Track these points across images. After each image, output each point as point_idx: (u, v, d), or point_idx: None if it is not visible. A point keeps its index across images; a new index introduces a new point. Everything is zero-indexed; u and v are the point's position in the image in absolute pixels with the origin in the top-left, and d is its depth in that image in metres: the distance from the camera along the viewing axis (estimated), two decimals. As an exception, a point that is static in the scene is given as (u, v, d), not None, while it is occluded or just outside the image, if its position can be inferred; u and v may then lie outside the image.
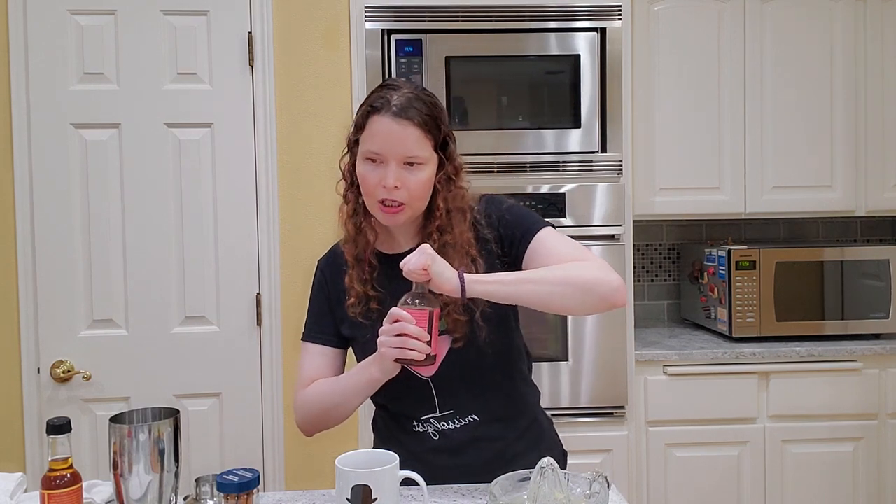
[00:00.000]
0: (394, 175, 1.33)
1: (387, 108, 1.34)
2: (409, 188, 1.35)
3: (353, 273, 1.43)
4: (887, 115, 2.82)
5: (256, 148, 2.45)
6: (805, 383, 2.60)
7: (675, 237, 3.22)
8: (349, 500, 1.14)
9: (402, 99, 1.35)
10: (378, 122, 1.34)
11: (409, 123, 1.33)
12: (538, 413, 1.55)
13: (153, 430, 1.18)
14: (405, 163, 1.34)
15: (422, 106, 1.35)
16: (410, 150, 1.34)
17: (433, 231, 1.40)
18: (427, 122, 1.35)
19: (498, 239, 1.43)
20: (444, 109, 1.42)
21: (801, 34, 2.79)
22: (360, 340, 1.45)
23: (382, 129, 1.34)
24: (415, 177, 1.35)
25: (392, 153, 1.34)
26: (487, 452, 1.43)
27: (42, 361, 2.38)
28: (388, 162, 1.34)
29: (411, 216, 1.39)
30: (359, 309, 1.42)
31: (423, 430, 1.44)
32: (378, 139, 1.34)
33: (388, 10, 2.44)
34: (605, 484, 1.15)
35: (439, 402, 1.42)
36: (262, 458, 2.47)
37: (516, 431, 1.47)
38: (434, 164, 1.38)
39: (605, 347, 2.50)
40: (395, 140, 1.33)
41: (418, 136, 1.34)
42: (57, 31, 2.36)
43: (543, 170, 2.49)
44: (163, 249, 2.42)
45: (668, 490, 2.59)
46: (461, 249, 1.38)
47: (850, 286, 2.73)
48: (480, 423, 1.43)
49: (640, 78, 2.73)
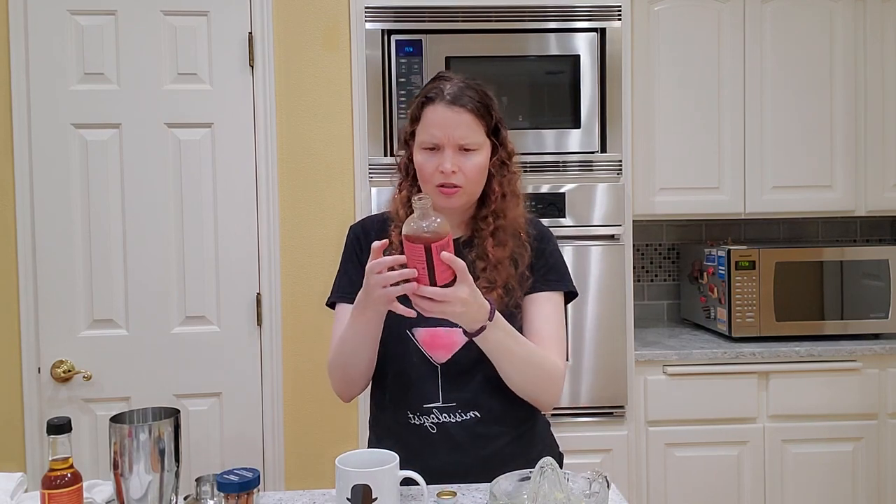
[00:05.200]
0: (450, 160, 1.39)
1: (440, 97, 1.41)
2: (465, 172, 1.40)
3: (395, 252, 1.42)
4: (887, 115, 2.82)
5: (256, 148, 2.45)
6: (805, 383, 2.60)
7: (674, 237, 3.22)
8: (349, 500, 1.14)
9: (455, 88, 1.41)
10: (433, 111, 1.41)
11: (463, 110, 1.40)
12: (537, 415, 1.55)
13: (153, 430, 1.18)
14: (461, 148, 1.40)
15: (473, 94, 1.42)
16: (465, 135, 1.40)
17: (488, 214, 1.45)
18: (479, 109, 1.41)
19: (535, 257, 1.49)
20: (494, 98, 1.47)
21: (801, 34, 2.79)
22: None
23: (437, 118, 1.40)
24: (470, 161, 1.41)
25: (448, 139, 1.40)
26: (485, 451, 1.43)
27: (42, 361, 2.38)
28: (444, 148, 1.40)
29: (467, 201, 1.45)
30: None
31: (421, 423, 1.43)
32: (434, 127, 1.41)
33: (388, 11, 2.44)
34: (604, 484, 1.15)
35: (444, 392, 1.43)
36: (262, 458, 2.47)
37: (515, 432, 1.47)
38: (488, 150, 1.44)
39: (604, 347, 2.50)
40: (449, 126, 1.39)
41: (471, 121, 1.40)
42: (57, 31, 2.36)
43: (543, 170, 2.49)
44: (163, 249, 2.42)
45: (667, 490, 2.59)
46: (514, 232, 1.45)
47: (850, 286, 2.73)
48: (481, 421, 1.43)
49: (640, 78, 2.73)
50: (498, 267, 1.42)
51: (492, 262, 1.43)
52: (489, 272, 1.42)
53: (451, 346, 1.42)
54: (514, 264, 1.45)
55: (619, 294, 2.50)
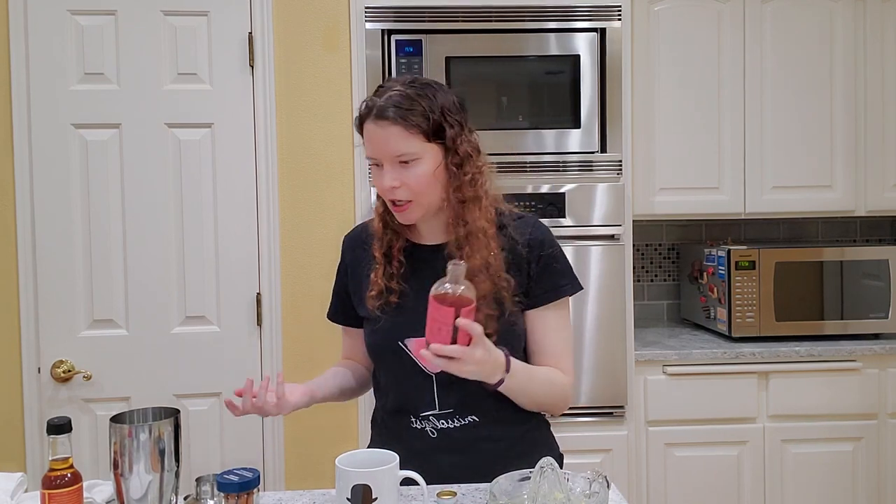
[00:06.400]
0: (388, 176, 1.36)
1: (368, 113, 1.37)
2: (408, 185, 1.36)
3: (378, 269, 1.44)
4: (887, 115, 2.82)
5: (256, 148, 2.45)
6: (805, 383, 2.60)
7: (674, 237, 3.22)
8: (349, 500, 1.14)
9: (383, 100, 1.35)
10: (365, 130, 1.38)
11: (387, 123, 1.34)
12: (538, 416, 1.55)
13: (153, 430, 1.18)
14: (400, 161, 1.35)
15: (403, 101, 1.34)
16: (396, 148, 1.34)
17: (449, 224, 1.40)
18: (408, 117, 1.33)
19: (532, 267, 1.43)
20: (440, 96, 1.38)
21: (801, 34, 2.79)
22: (369, 329, 1.48)
23: (369, 135, 1.37)
24: (412, 172, 1.35)
25: (382, 155, 1.36)
26: (486, 453, 1.42)
27: (42, 361, 2.38)
28: (382, 164, 1.37)
29: (425, 212, 1.40)
30: (378, 302, 1.43)
31: (422, 427, 1.43)
32: (369, 145, 1.38)
33: (388, 11, 2.44)
34: (604, 484, 1.15)
35: (440, 399, 1.42)
36: (262, 458, 2.47)
37: (516, 433, 1.47)
38: (434, 156, 1.37)
39: (604, 347, 2.50)
40: (380, 143, 1.35)
41: (399, 132, 1.34)
42: (57, 31, 2.36)
43: (543, 170, 2.49)
44: (163, 249, 2.42)
45: (667, 490, 2.59)
46: (480, 240, 1.37)
47: (850, 286, 2.73)
48: (480, 424, 1.43)
49: (640, 78, 2.73)
50: (476, 279, 1.34)
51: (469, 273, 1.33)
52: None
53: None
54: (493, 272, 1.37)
55: (619, 294, 2.50)
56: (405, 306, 1.42)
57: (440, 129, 1.36)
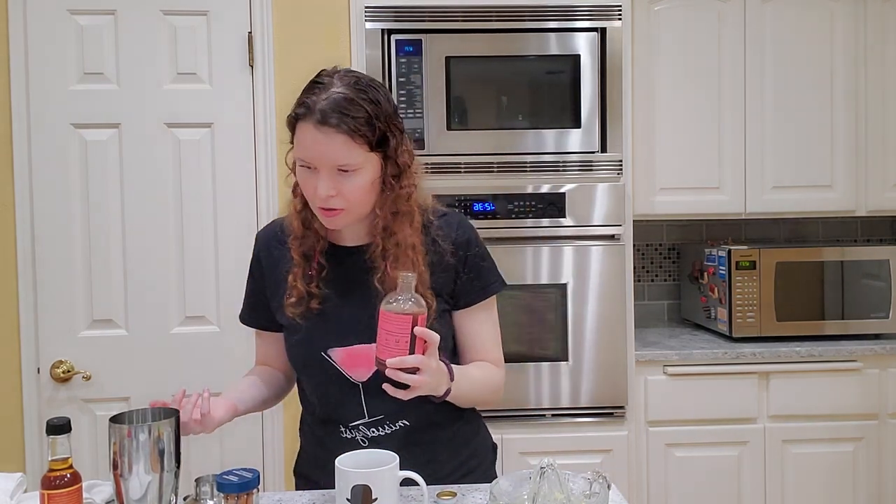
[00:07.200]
0: (325, 185, 1.25)
1: (310, 114, 1.24)
2: (344, 195, 1.26)
3: (297, 271, 1.36)
4: (887, 115, 2.82)
5: (256, 148, 2.45)
6: (805, 383, 2.60)
7: (675, 237, 3.22)
8: (349, 500, 1.14)
9: (328, 102, 1.23)
10: (303, 130, 1.25)
11: (334, 131, 1.22)
12: (473, 414, 1.51)
13: (153, 430, 1.18)
14: (339, 170, 1.25)
15: (349, 107, 1.23)
16: (339, 158, 1.24)
17: (376, 233, 1.34)
18: (356, 126, 1.23)
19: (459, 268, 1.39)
20: (385, 100, 1.29)
21: (801, 34, 2.79)
22: (290, 338, 1.40)
23: (308, 138, 1.24)
24: (350, 182, 1.26)
25: (320, 162, 1.25)
26: (420, 456, 1.36)
27: (42, 361, 2.38)
28: (319, 170, 1.25)
29: (355, 219, 1.33)
30: (298, 309, 1.35)
31: (352, 437, 1.37)
32: (305, 148, 1.25)
33: (388, 10, 2.44)
34: (605, 484, 1.15)
35: (368, 407, 1.37)
36: (262, 458, 2.47)
37: (448, 432, 1.43)
38: (373, 165, 1.28)
39: (605, 347, 2.50)
40: (319, 150, 1.24)
41: (344, 142, 1.23)
42: (57, 31, 2.36)
43: (543, 170, 2.48)
44: (163, 249, 2.42)
45: (668, 490, 2.58)
46: (409, 256, 1.32)
47: (851, 286, 2.73)
48: (412, 428, 1.38)
49: (640, 78, 2.73)
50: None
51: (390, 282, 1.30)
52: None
53: (371, 362, 1.30)
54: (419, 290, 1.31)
55: (620, 294, 2.50)
56: (327, 313, 1.35)
57: (384, 138, 1.28)
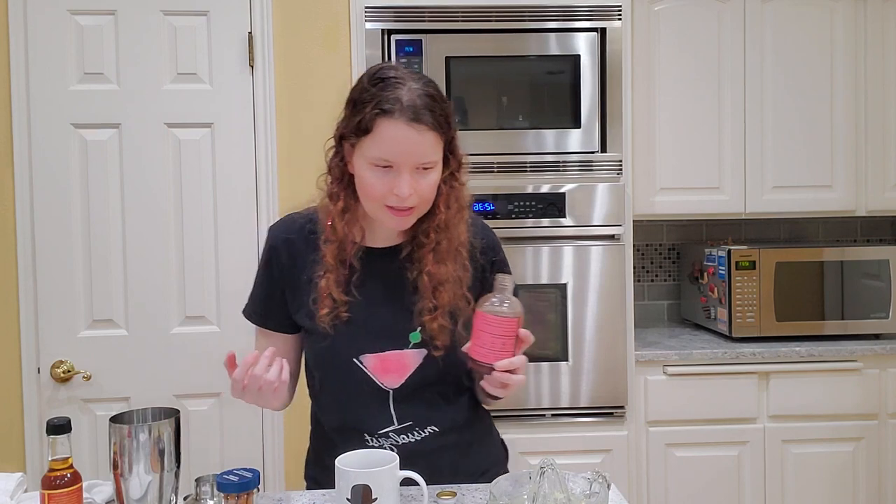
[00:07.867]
0: (408, 184, 1.23)
1: (400, 111, 1.21)
2: (420, 193, 1.26)
3: (330, 276, 1.32)
4: (888, 115, 2.82)
5: (256, 148, 2.45)
6: (805, 383, 2.60)
7: (675, 237, 3.22)
8: (349, 500, 1.14)
9: (415, 98, 1.22)
10: (390, 127, 1.22)
11: (426, 128, 1.22)
12: (479, 407, 1.50)
13: (153, 430, 1.18)
14: (422, 168, 1.25)
15: (434, 105, 1.24)
16: (427, 155, 1.24)
17: (430, 229, 1.32)
18: (441, 123, 1.25)
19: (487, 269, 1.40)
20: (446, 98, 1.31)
21: (801, 34, 2.79)
22: (316, 344, 1.36)
23: (398, 136, 1.22)
24: (426, 180, 1.26)
25: (408, 160, 1.23)
26: (447, 458, 1.38)
27: (42, 361, 2.38)
28: (401, 169, 1.23)
29: (417, 217, 1.32)
30: (328, 318, 1.32)
31: (380, 445, 1.35)
32: (392, 146, 1.22)
33: (388, 11, 2.44)
34: (605, 484, 1.15)
35: (397, 414, 1.36)
36: (262, 458, 2.47)
37: (472, 433, 1.44)
38: (441, 163, 1.30)
39: (605, 347, 2.50)
40: (411, 147, 1.22)
41: (433, 139, 1.24)
42: (57, 31, 2.36)
43: (543, 170, 2.48)
44: (163, 249, 2.42)
45: (668, 490, 2.58)
46: (455, 251, 1.33)
47: (850, 286, 2.73)
48: (440, 433, 1.38)
49: (640, 78, 2.73)
50: (439, 288, 1.30)
51: (434, 281, 1.31)
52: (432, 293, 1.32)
53: (403, 368, 1.32)
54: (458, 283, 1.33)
55: (620, 294, 2.50)
56: (358, 317, 1.33)
57: (452, 137, 1.30)
